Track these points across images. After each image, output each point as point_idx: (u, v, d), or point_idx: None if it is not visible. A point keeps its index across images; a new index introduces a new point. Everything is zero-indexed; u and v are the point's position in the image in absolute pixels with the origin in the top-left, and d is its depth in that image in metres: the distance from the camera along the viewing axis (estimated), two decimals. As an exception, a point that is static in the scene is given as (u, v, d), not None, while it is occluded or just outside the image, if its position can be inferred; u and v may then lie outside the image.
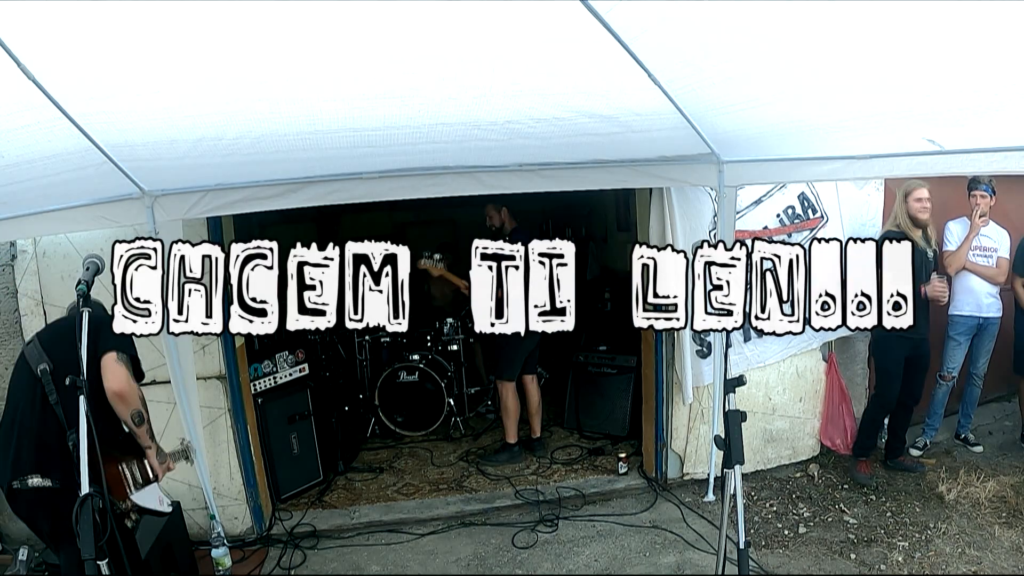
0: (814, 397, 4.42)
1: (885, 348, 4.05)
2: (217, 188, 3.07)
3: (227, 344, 3.61)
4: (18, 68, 1.95)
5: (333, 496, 4.24)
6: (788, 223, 4.12)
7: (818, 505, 3.87)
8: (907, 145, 3.22)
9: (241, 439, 3.69)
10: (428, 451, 4.98)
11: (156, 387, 3.50)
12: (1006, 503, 3.72)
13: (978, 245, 4.22)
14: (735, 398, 1.96)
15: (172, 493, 3.56)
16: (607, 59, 2.21)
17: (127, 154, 2.67)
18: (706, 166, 3.39)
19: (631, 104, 2.62)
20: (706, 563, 3.30)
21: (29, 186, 2.69)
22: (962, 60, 2.14)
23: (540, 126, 2.75)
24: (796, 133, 3.05)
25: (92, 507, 1.71)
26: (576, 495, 4.09)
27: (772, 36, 2.10)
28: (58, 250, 3.33)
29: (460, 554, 3.55)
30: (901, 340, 3.91)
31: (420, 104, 2.49)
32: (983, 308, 4.23)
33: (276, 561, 3.52)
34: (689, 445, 4.14)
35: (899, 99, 2.57)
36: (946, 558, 3.24)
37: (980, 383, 4.44)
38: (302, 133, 2.62)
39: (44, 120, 2.25)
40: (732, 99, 2.61)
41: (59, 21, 1.79)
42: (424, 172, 3.16)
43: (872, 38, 2.05)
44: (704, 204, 3.83)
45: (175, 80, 2.16)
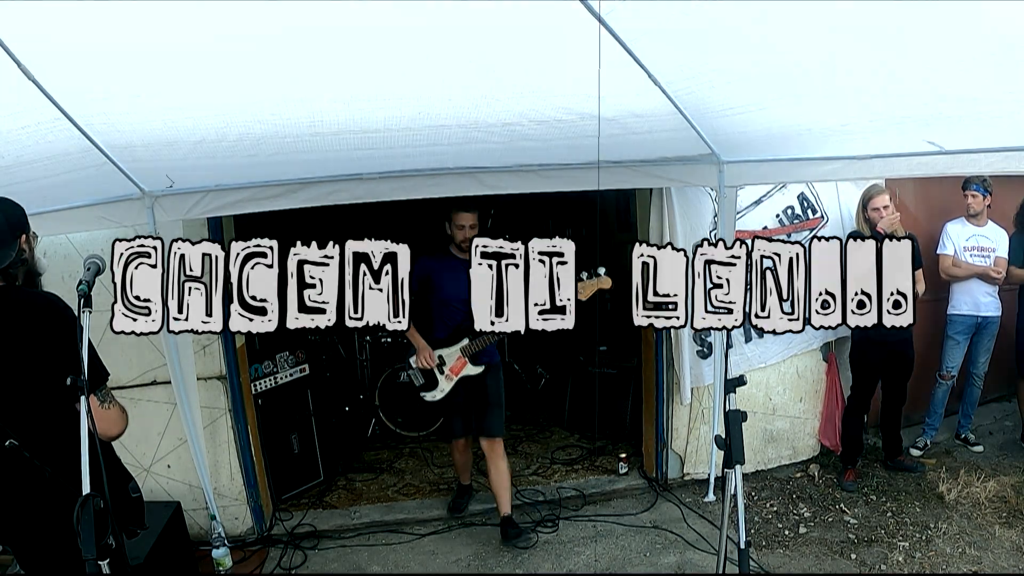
0: (814, 397, 4.42)
1: (860, 353, 4.05)
2: (217, 189, 3.08)
3: (228, 344, 3.61)
4: (18, 68, 1.95)
5: (333, 496, 4.24)
6: (788, 223, 4.12)
7: (818, 505, 3.87)
8: (907, 145, 3.23)
9: (241, 439, 3.69)
10: (428, 451, 4.97)
11: (156, 387, 3.51)
12: (1006, 503, 3.72)
13: (976, 245, 4.23)
14: (735, 398, 1.96)
15: (172, 493, 3.57)
16: (608, 60, 2.21)
17: (127, 155, 2.67)
18: (706, 166, 3.40)
19: (632, 105, 2.62)
20: (706, 563, 3.30)
21: (29, 187, 2.69)
22: (962, 64, 2.15)
23: (540, 128, 2.75)
24: (796, 135, 3.05)
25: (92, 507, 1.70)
26: (576, 495, 4.09)
27: (772, 38, 2.10)
28: (59, 250, 3.32)
29: (460, 554, 3.55)
30: (877, 345, 3.91)
31: (420, 106, 2.49)
32: (981, 307, 4.24)
33: (277, 561, 3.52)
34: (689, 445, 4.14)
35: (899, 104, 2.58)
36: (946, 558, 3.24)
37: (980, 383, 4.45)
38: (303, 135, 2.62)
39: (44, 121, 2.26)
40: (732, 101, 2.61)
41: (59, 22, 1.80)
42: (424, 173, 3.17)
43: (872, 42, 2.06)
44: (704, 204, 3.83)
45: (176, 81, 2.17)
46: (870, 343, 3.93)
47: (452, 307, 3.41)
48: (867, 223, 3.84)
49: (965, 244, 4.24)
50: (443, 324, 3.51)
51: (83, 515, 1.69)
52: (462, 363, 3.49)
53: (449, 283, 3.37)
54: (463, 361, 3.48)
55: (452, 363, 3.49)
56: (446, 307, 3.45)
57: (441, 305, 3.48)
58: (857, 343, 4.05)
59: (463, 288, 2.65)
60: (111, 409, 1.94)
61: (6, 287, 1.94)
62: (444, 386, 3.50)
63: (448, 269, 3.41)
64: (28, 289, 2.00)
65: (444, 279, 3.41)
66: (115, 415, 1.97)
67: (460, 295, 2.94)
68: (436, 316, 3.54)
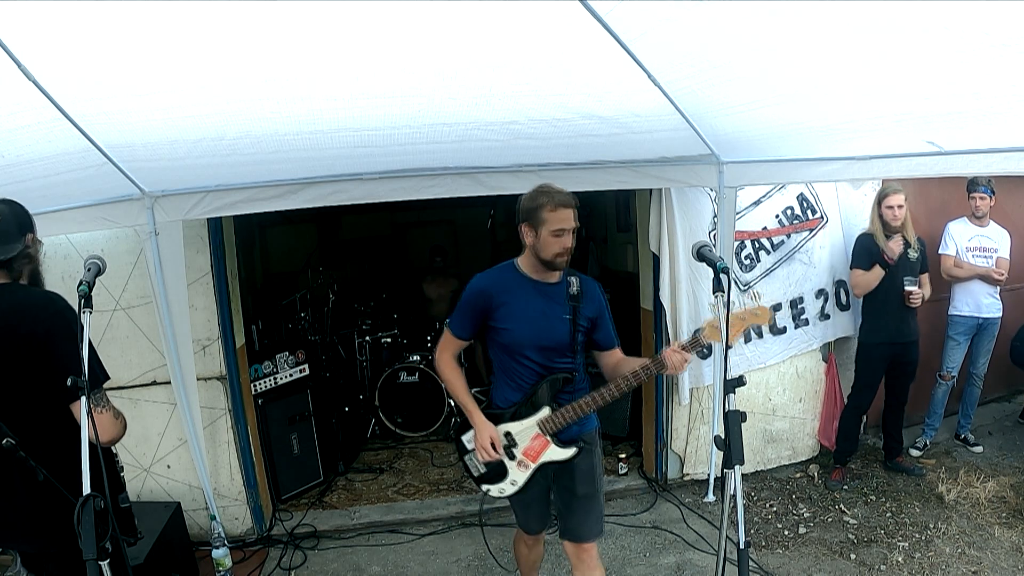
0: (814, 398, 4.42)
1: (866, 356, 4.05)
2: (217, 189, 3.08)
3: (228, 345, 3.62)
4: (18, 68, 1.95)
5: (333, 497, 4.24)
6: (787, 224, 4.12)
7: (818, 505, 3.87)
8: (906, 146, 3.23)
9: (241, 440, 3.69)
10: (428, 452, 4.98)
11: (156, 388, 3.51)
12: (1006, 503, 3.72)
13: (978, 246, 4.23)
14: (735, 398, 1.95)
15: (172, 493, 3.57)
16: (607, 60, 2.22)
17: (127, 155, 2.67)
18: (706, 167, 3.40)
19: (631, 105, 2.63)
20: (706, 563, 3.31)
21: (29, 187, 2.69)
22: (961, 64, 2.15)
23: (540, 127, 2.75)
24: (796, 135, 3.05)
25: (92, 507, 1.70)
26: (576, 495, 4.08)
27: (772, 38, 2.10)
28: (59, 251, 3.33)
29: (460, 554, 3.55)
30: (882, 347, 3.92)
31: (420, 104, 2.49)
32: (982, 308, 4.24)
33: (276, 562, 3.52)
34: (689, 446, 4.14)
35: (898, 103, 2.58)
36: (946, 558, 3.24)
37: (980, 383, 4.45)
38: (303, 133, 2.62)
39: (44, 120, 2.26)
40: (732, 101, 2.61)
41: (59, 21, 1.80)
42: (424, 173, 3.17)
43: (872, 42, 2.06)
44: (704, 205, 3.83)
45: (175, 80, 2.17)
46: (877, 343, 3.93)
47: (523, 357, 2.31)
48: (880, 220, 3.85)
49: (968, 244, 4.24)
50: (512, 383, 2.36)
51: (83, 515, 1.69)
52: (542, 444, 2.32)
53: (519, 319, 2.27)
54: (543, 441, 2.32)
55: (527, 444, 2.33)
56: (514, 356, 2.32)
57: (507, 353, 2.34)
58: (864, 343, 4.06)
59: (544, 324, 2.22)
60: (103, 414, 1.88)
61: (8, 284, 1.94)
62: (516, 477, 2.36)
63: (515, 297, 2.29)
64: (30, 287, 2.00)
65: (512, 313, 2.28)
66: (107, 420, 1.89)
67: (539, 336, 2.25)
68: (501, 369, 2.39)
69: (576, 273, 2.37)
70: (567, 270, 2.33)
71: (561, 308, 2.29)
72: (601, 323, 2.38)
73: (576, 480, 2.37)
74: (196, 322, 3.45)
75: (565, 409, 2.27)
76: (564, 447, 2.31)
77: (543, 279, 2.31)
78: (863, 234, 3.94)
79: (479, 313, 2.31)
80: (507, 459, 2.35)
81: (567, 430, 2.32)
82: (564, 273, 2.33)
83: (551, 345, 2.29)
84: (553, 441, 2.31)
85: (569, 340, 2.29)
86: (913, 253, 3.90)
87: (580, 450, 2.33)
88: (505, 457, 2.34)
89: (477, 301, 2.31)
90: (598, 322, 2.37)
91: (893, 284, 3.82)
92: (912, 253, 3.89)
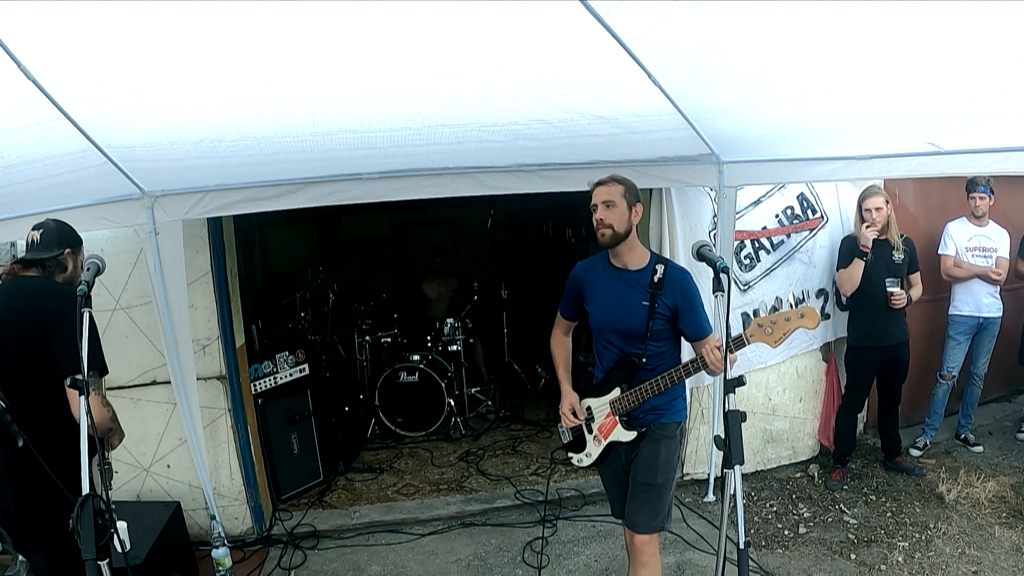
0: (814, 397, 4.42)
1: (855, 358, 4.05)
2: (217, 189, 3.08)
3: (227, 344, 3.61)
4: (18, 68, 1.95)
5: (333, 496, 4.24)
6: (787, 223, 4.12)
7: (818, 505, 3.88)
8: (906, 146, 3.23)
9: (241, 439, 3.69)
10: (428, 451, 4.98)
11: (156, 387, 3.51)
12: (1006, 503, 3.72)
13: (978, 245, 4.23)
14: (735, 398, 1.95)
15: (172, 493, 3.58)
16: (608, 60, 2.22)
17: (127, 155, 2.67)
18: (706, 166, 3.40)
19: (631, 105, 2.63)
20: (706, 563, 3.31)
21: (29, 187, 2.70)
22: (961, 65, 2.15)
23: (540, 127, 2.75)
24: (796, 135, 3.05)
25: (92, 508, 1.71)
26: (576, 495, 4.09)
27: (772, 38, 2.10)
28: (58, 251, 3.32)
29: (460, 554, 3.55)
30: (872, 350, 3.92)
31: (420, 105, 2.49)
32: (982, 308, 4.24)
33: (276, 561, 3.52)
34: (689, 445, 4.14)
35: (898, 103, 2.58)
36: (946, 558, 3.24)
37: (980, 383, 4.45)
38: (302, 134, 2.62)
39: (44, 121, 2.26)
40: (732, 101, 2.62)
41: (59, 21, 1.80)
42: (424, 173, 3.17)
43: (872, 42, 2.06)
44: (704, 204, 3.83)
45: (175, 81, 2.17)
46: (866, 347, 3.94)
47: (604, 339, 2.47)
48: (863, 221, 3.83)
49: (967, 244, 4.24)
50: (600, 363, 2.54)
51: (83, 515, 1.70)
52: (612, 423, 2.45)
53: (600, 303, 2.43)
54: (613, 420, 2.45)
55: (601, 420, 2.49)
56: (599, 338, 2.50)
57: (595, 334, 2.51)
58: (853, 346, 4.05)
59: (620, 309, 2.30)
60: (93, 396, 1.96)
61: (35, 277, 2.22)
62: (591, 450, 2.54)
63: (599, 282, 2.45)
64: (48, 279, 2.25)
65: (595, 297, 2.45)
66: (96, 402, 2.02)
67: (616, 320, 2.37)
68: (596, 348, 2.56)
69: (666, 261, 2.42)
70: (655, 256, 2.42)
71: (640, 295, 2.34)
72: (686, 312, 2.36)
73: (638, 466, 2.45)
74: (196, 322, 3.45)
75: (629, 393, 2.39)
76: (629, 430, 2.42)
77: (624, 265, 2.40)
78: (847, 236, 3.96)
79: (574, 296, 2.53)
80: (586, 431, 2.55)
81: (639, 414, 2.43)
82: (651, 260, 2.39)
83: (626, 329, 2.37)
84: (620, 422, 2.43)
85: (644, 326, 2.33)
86: (898, 255, 3.88)
87: (642, 436, 2.42)
88: (584, 429, 2.55)
89: (571, 286, 2.54)
90: (682, 311, 2.35)
91: (875, 287, 3.81)
92: (897, 255, 3.88)
